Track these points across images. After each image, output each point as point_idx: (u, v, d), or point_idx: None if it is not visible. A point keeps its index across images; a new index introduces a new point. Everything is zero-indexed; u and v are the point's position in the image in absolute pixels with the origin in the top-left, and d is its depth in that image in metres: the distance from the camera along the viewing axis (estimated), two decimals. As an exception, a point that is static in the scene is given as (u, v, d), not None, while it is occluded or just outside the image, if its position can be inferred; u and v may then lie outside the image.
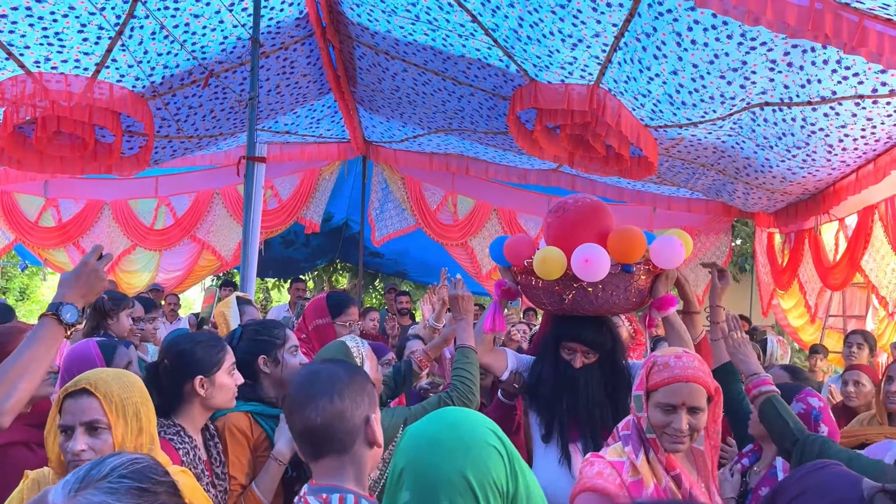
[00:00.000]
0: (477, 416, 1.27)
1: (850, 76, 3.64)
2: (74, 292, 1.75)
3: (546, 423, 2.61)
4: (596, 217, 2.66)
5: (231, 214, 7.56)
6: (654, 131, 4.82)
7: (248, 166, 3.49)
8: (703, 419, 1.83)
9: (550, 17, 3.87)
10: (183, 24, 4.33)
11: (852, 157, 4.52)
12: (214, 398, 2.01)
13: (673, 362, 1.85)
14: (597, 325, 2.65)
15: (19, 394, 1.61)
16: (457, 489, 1.15)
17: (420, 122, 6.44)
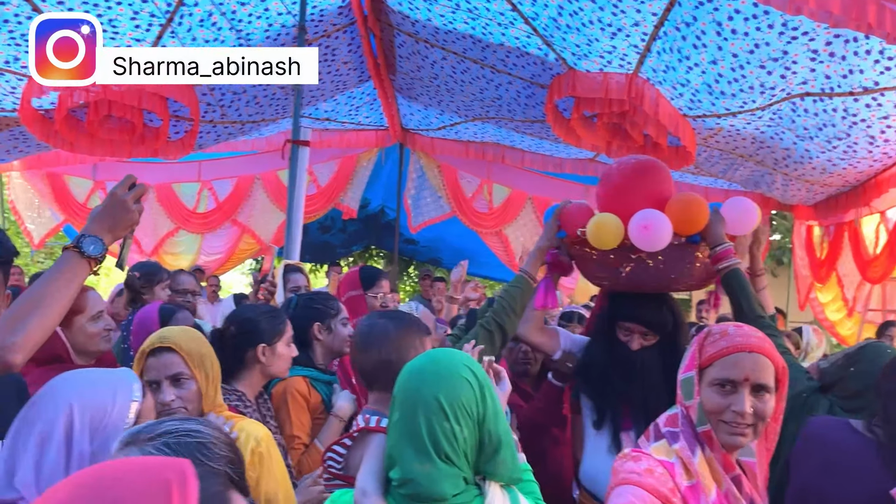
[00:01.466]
0: (457, 353, 1.54)
1: (893, 67, 3.60)
2: (100, 225, 1.60)
3: (598, 408, 2.44)
4: (653, 177, 2.41)
5: (271, 199, 7.73)
6: (692, 121, 4.81)
7: (292, 150, 3.60)
8: (771, 404, 1.49)
9: (590, 6, 3.89)
10: (230, 12, 4.44)
11: (895, 148, 4.47)
12: (273, 366, 2.18)
13: (732, 330, 1.53)
14: (657, 303, 2.44)
15: (31, 329, 1.44)
16: (431, 409, 1.40)
17: (457, 110, 6.50)
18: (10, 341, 1.40)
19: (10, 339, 1.40)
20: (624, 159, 2.51)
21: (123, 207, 1.62)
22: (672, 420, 1.54)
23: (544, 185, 7.92)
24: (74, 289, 1.54)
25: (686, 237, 2.27)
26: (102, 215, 1.61)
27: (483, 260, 9.25)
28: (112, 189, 1.64)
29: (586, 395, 2.49)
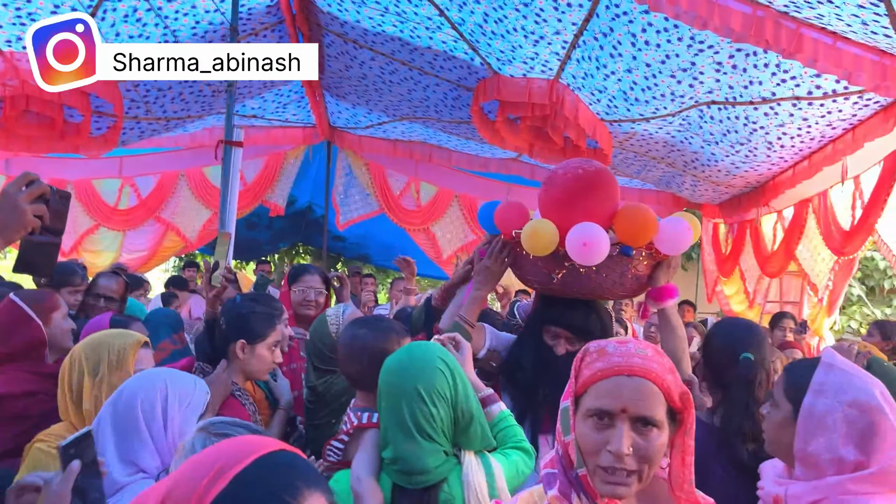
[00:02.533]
0: (431, 346, 1.74)
1: (788, 79, 3.90)
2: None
3: (519, 409, 2.34)
4: (596, 191, 2.32)
5: (196, 196, 7.59)
6: (609, 125, 5.04)
7: (225, 150, 3.58)
8: (659, 441, 1.14)
9: (514, 15, 4.04)
10: (156, 8, 4.37)
11: (790, 153, 4.82)
12: (249, 365, 2.21)
13: (612, 348, 1.20)
14: (586, 309, 2.39)
15: None
16: (412, 397, 1.63)
17: (385, 109, 6.56)
18: None
19: None
20: (571, 165, 2.39)
21: (15, 207, 1.40)
22: (553, 460, 1.24)
23: (470, 184, 8.07)
24: None
25: (620, 248, 2.24)
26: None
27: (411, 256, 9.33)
28: (4, 188, 1.43)
29: (508, 394, 2.42)
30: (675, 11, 3.33)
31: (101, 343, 1.82)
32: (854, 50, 3.36)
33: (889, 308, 10.22)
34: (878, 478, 1.44)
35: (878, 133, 3.98)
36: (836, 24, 3.17)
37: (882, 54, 3.36)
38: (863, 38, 3.25)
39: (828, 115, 4.15)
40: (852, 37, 3.27)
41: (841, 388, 1.52)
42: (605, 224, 2.26)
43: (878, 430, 1.46)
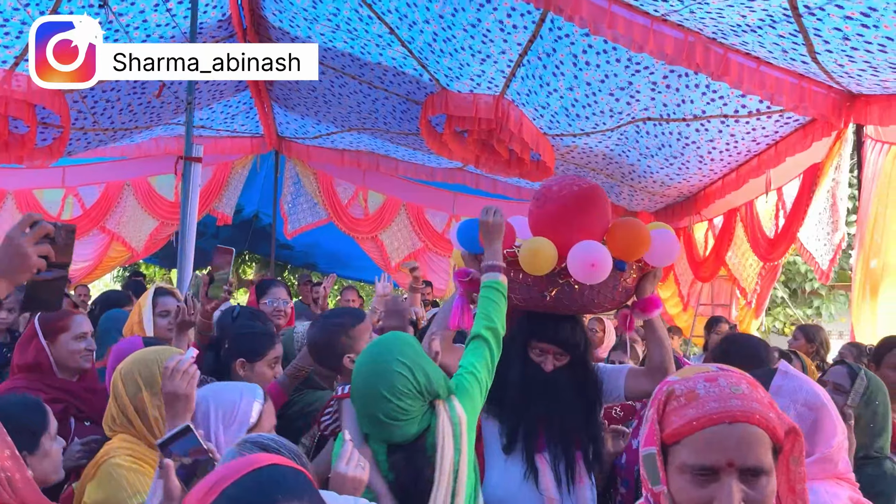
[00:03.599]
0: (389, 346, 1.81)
1: (717, 98, 4.15)
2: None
3: (510, 431, 2.25)
4: (595, 204, 2.30)
5: (142, 206, 7.47)
6: (551, 139, 5.23)
7: (185, 166, 3.59)
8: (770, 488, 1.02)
9: (462, 35, 4.17)
10: (106, 22, 4.33)
11: (719, 166, 5.10)
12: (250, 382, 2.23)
13: (703, 389, 1.04)
14: (571, 323, 2.35)
15: None
16: (379, 400, 1.72)
17: (334, 120, 6.61)
18: None
19: None
20: (565, 182, 2.36)
21: (18, 252, 1.38)
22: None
23: (417, 193, 8.17)
24: None
25: (615, 263, 2.19)
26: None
27: (358, 264, 9.37)
28: (8, 232, 1.40)
29: (495, 417, 2.29)
30: (613, 35, 3.52)
31: (149, 360, 1.88)
32: (776, 73, 3.62)
33: (810, 309, 10.79)
34: (819, 464, 1.63)
35: (798, 148, 4.27)
36: (759, 50, 3.42)
37: (801, 77, 3.63)
38: (783, 63, 3.50)
39: (753, 132, 4.43)
40: (774, 62, 3.52)
41: (794, 390, 1.68)
42: (598, 239, 2.25)
43: (822, 425, 1.63)
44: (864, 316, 3.90)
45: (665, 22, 3.43)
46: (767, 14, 2.88)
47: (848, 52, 2.94)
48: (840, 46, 2.92)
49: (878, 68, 3.01)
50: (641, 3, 3.30)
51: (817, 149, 4.20)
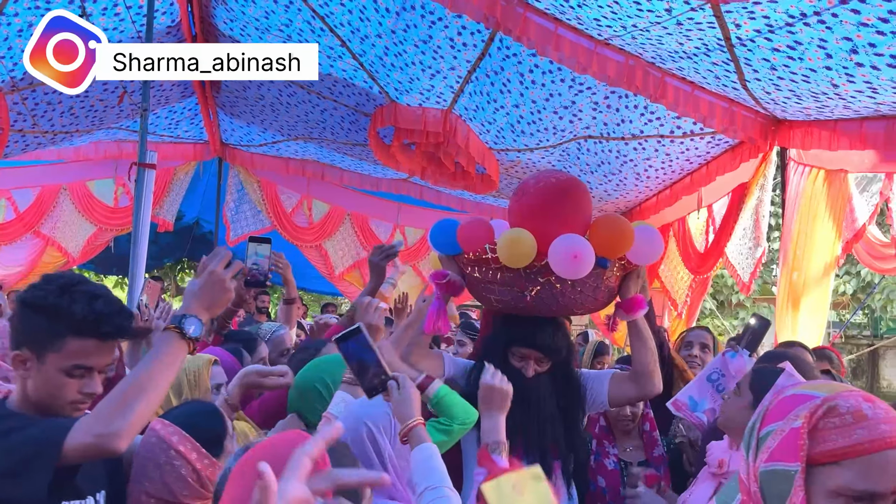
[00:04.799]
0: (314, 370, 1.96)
1: (654, 119, 4.33)
2: (199, 304, 1.52)
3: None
4: (574, 196, 2.21)
5: (79, 210, 7.23)
6: (496, 153, 5.35)
7: (139, 173, 3.52)
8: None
9: (413, 50, 4.24)
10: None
11: (654, 183, 5.31)
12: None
13: (870, 410, 0.97)
14: (553, 327, 2.25)
15: (135, 415, 1.38)
16: (297, 424, 1.88)
17: (280, 129, 6.57)
18: (115, 427, 1.35)
19: (115, 425, 1.35)
20: (542, 175, 2.29)
21: (222, 286, 1.53)
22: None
23: (362, 202, 8.18)
24: (175, 370, 1.49)
25: (597, 260, 2.10)
26: (200, 294, 1.52)
27: (302, 272, 9.28)
28: (209, 266, 1.54)
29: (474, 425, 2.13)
30: (558, 56, 3.65)
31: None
32: (709, 98, 3.82)
33: (736, 320, 11.29)
34: None
35: (728, 168, 4.50)
36: (694, 75, 3.60)
37: (731, 102, 3.84)
38: (716, 89, 3.70)
39: (686, 152, 4.64)
40: (707, 87, 3.72)
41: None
42: (581, 233, 2.17)
43: None
44: (786, 327, 4.13)
45: (608, 46, 3.58)
46: (703, 43, 3.06)
47: (775, 80, 3.14)
48: (768, 76, 3.12)
49: (801, 96, 3.23)
50: (586, 27, 3.44)
51: (745, 169, 4.43)
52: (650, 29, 3.10)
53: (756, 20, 2.62)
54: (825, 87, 2.96)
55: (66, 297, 1.42)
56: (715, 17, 2.71)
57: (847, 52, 2.54)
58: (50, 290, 1.44)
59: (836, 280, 5.95)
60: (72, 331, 1.42)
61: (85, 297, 1.43)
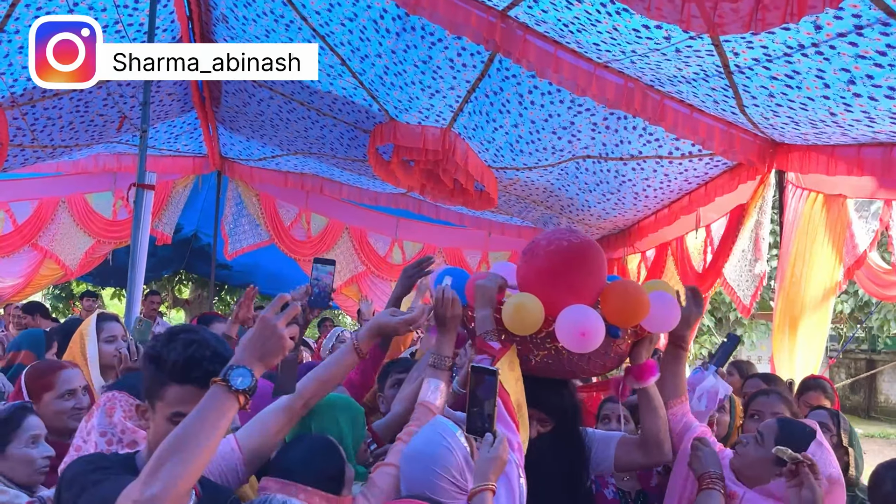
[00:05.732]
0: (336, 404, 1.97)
1: (653, 140, 4.35)
2: (250, 354, 1.40)
3: None
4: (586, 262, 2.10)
5: (77, 223, 7.23)
6: (495, 171, 5.36)
7: (138, 194, 3.52)
8: None
9: (413, 70, 4.25)
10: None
11: (653, 202, 5.32)
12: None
13: None
14: (558, 386, 2.15)
15: (172, 479, 1.23)
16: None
17: (280, 143, 6.59)
18: (149, 493, 1.21)
19: (150, 491, 1.21)
20: (555, 236, 2.15)
21: (275, 334, 1.43)
22: None
23: (360, 216, 8.19)
24: (223, 428, 1.33)
25: (608, 329, 2.02)
26: (252, 343, 1.41)
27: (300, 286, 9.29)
28: (262, 314, 1.47)
29: None
30: (558, 79, 3.66)
31: None
32: (707, 121, 3.83)
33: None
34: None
35: (727, 189, 4.50)
36: (692, 99, 3.62)
37: (729, 125, 3.85)
38: (714, 112, 3.72)
39: (685, 173, 4.65)
40: (706, 110, 3.73)
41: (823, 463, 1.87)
42: (591, 300, 2.08)
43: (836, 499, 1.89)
44: (783, 348, 4.13)
45: (607, 68, 3.59)
46: (702, 69, 3.07)
47: (773, 107, 3.16)
48: (766, 102, 3.13)
49: (799, 123, 3.24)
50: (585, 50, 3.46)
51: (743, 190, 4.43)
52: (649, 55, 3.12)
53: (754, 49, 2.64)
54: (823, 115, 2.97)
55: (168, 345, 1.46)
56: (713, 45, 2.73)
57: (845, 83, 2.55)
58: (159, 340, 1.49)
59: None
60: (170, 378, 1.45)
61: (181, 344, 1.46)
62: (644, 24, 2.79)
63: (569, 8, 2.99)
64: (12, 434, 2.00)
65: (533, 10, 3.20)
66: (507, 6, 3.30)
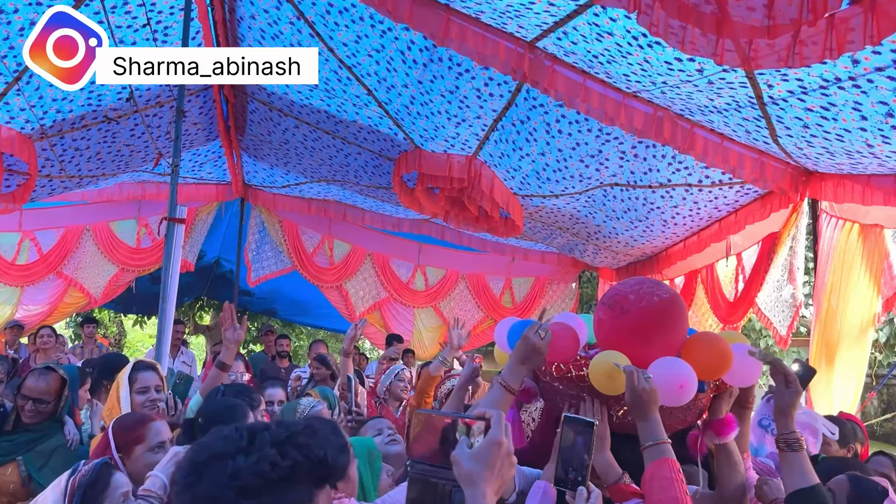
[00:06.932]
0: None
1: (682, 168, 4.35)
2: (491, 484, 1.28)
3: None
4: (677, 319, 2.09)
5: (102, 251, 7.34)
6: (521, 199, 5.38)
7: (168, 227, 3.58)
8: None
9: (440, 100, 4.31)
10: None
11: (681, 230, 5.30)
12: None
13: None
14: (634, 441, 2.02)
15: None
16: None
17: (304, 171, 6.67)
18: None
19: None
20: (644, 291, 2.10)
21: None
22: None
23: (383, 242, 8.24)
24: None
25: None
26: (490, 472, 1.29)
27: (320, 311, 9.34)
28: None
29: None
30: (586, 108, 3.70)
31: None
32: (738, 149, 3.83)
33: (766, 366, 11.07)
34: None
35: (758, 217, 4.48)
36: (723, 128, 3.62)
37: (761, 153, 3.85)
38: (745, 141, 3.72)
39: (715, 200, 4.64)
40: (737, 139, 3.73)
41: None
42: (674, 353, 2.06)
43: None
44: (820, 380, 4.07)
45: (636, 98, 3.62)
46: (734, 100, 3.08)
47: (807, 138, 3.15)
48: (800, 133, 3.13)
49: (834, 153, 3.23)
50: (615, 80, 3.48)
51: (775, 219, 4.42)
52: (680, 86, 3.14)
53: (789, 82, 2.65)
54: (860, 146, 2.97)
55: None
56: (747, 77, 2.74)
57: (883, 116, 2.55)
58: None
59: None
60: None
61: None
62: (676, 57, 2.81)
63: (599, 40, 3.02)
64: (102, 496, 1.94)
65: (562, 41, 3.24)
66: (536, 38, 3.34)
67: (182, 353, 6.62)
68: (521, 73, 3.56)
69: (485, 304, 8.51)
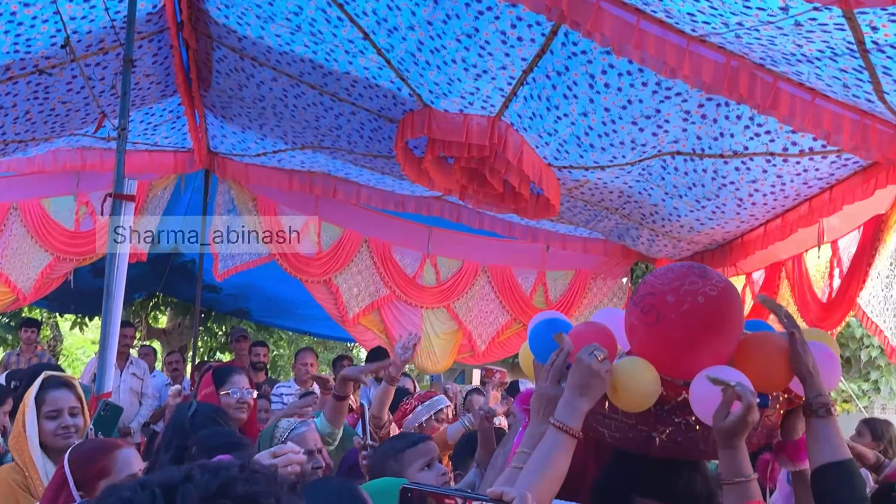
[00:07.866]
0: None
1: (762, 133, 4.34)
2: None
3: None
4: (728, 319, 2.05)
5: (31, 236, 7.41)
6: (557, 171, 5.39)
7: (114, 206, 3.61)
8: None
9: (454, 45, 4.32)
10: (8, 13, 4.40)
11: (761, 211, 5.30)
12: None
13: None
14: (689, 469, 2.10)
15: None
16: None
17: (284, 135, 6.70)
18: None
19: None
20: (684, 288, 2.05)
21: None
22: None
23: (383, 226, 8.26)
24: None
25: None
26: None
27: (304, 313, 9.41)
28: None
29: None
30: (641, 56, 3.68)
31: None
32: (833, 108, 3.81)
33: (866, 382, 11.04)
34: None
35: (858, 196, 4.46)
36: (815, 82, 3.61)
37: (863, 114, 3.82)
38: (843, 98, 3.70)
39: (804, 174, 4.63)
40: (832, 95, 3.72)
41: None
42: (725, 360, 2.05)
43: None
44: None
45: (704, 43, 3.61)
46: (828, 46, 3.07)
47: (923, 93, 3.14)
48: (914, 88, 3.11)
49: (957, 113, 3.21)
50: (677, 20, 3.48)
51: (881, 197, 4.39)
52: (759, 28, 3.13)
53: (899, 23, 2.63)
54: None
55: None
56: (845, 18, 2.73)
57: None
58: None
59: None
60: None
61: None
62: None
63: (656, -30, 3.02)
64: None
65: (610, -29, 3.24)
66: (577, -33, 3.34)
67: (132, 362, 6.71)
68: (557, 11, 3.57)
69: (511, 304, 8.52)
